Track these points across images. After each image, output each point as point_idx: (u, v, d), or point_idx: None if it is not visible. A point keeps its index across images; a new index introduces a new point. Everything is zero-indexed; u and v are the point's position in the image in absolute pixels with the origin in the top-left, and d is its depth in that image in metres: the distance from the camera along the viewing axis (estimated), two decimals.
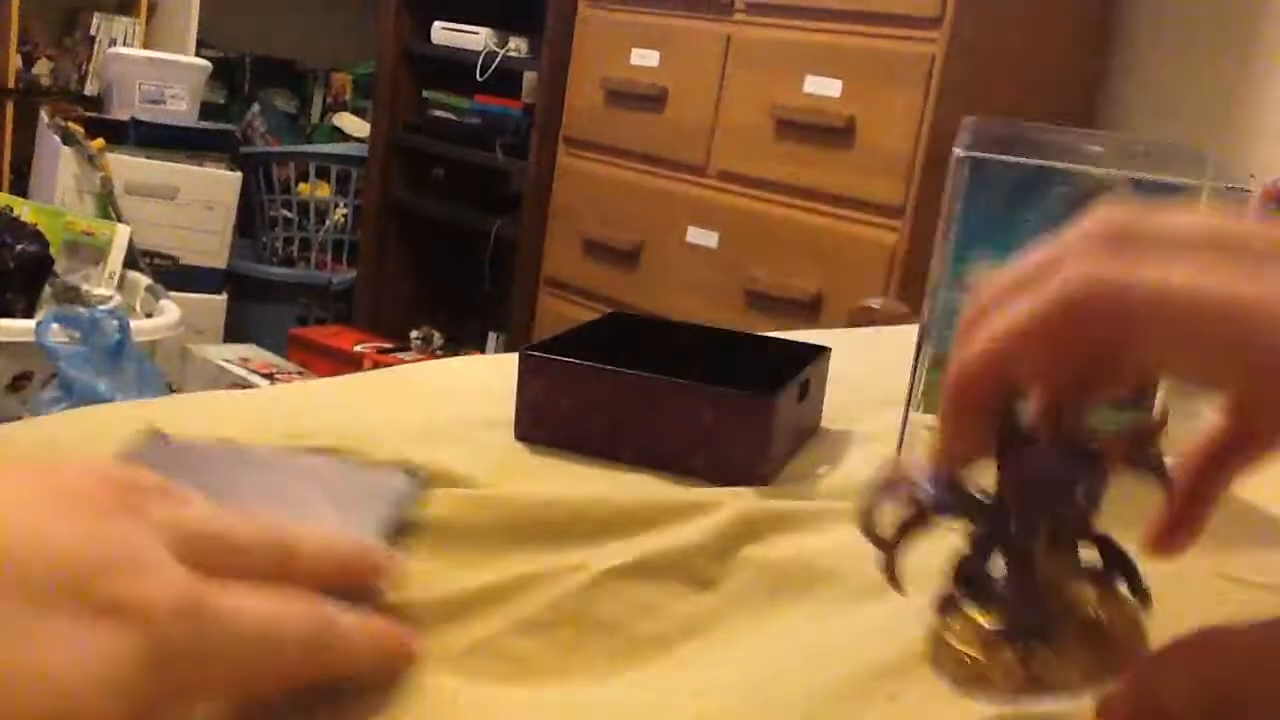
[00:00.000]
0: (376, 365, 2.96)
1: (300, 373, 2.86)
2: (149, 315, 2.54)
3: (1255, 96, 2.28)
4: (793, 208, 2.26)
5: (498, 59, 2.86)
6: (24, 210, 2.51)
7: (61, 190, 2.81)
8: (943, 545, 0.38)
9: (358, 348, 3.05)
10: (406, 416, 0.68)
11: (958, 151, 0.59)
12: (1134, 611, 0.37)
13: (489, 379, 0.73)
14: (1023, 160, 0.58)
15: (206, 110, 3.45)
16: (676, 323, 0.78)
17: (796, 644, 0.47)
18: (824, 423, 0.73)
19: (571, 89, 2.69)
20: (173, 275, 2.86)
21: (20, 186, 3.13)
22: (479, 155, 3.01)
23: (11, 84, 3.39)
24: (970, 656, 0.36)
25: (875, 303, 1.66)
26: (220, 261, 3.18)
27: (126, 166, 2.93)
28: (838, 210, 2.19)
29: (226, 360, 2.77)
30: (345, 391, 0.73)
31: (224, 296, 3.17)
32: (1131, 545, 0.38)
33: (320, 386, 0.75)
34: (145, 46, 3.51)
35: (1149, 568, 0.38)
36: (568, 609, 0.47)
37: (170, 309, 2.55)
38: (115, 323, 2.11)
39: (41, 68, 3.55)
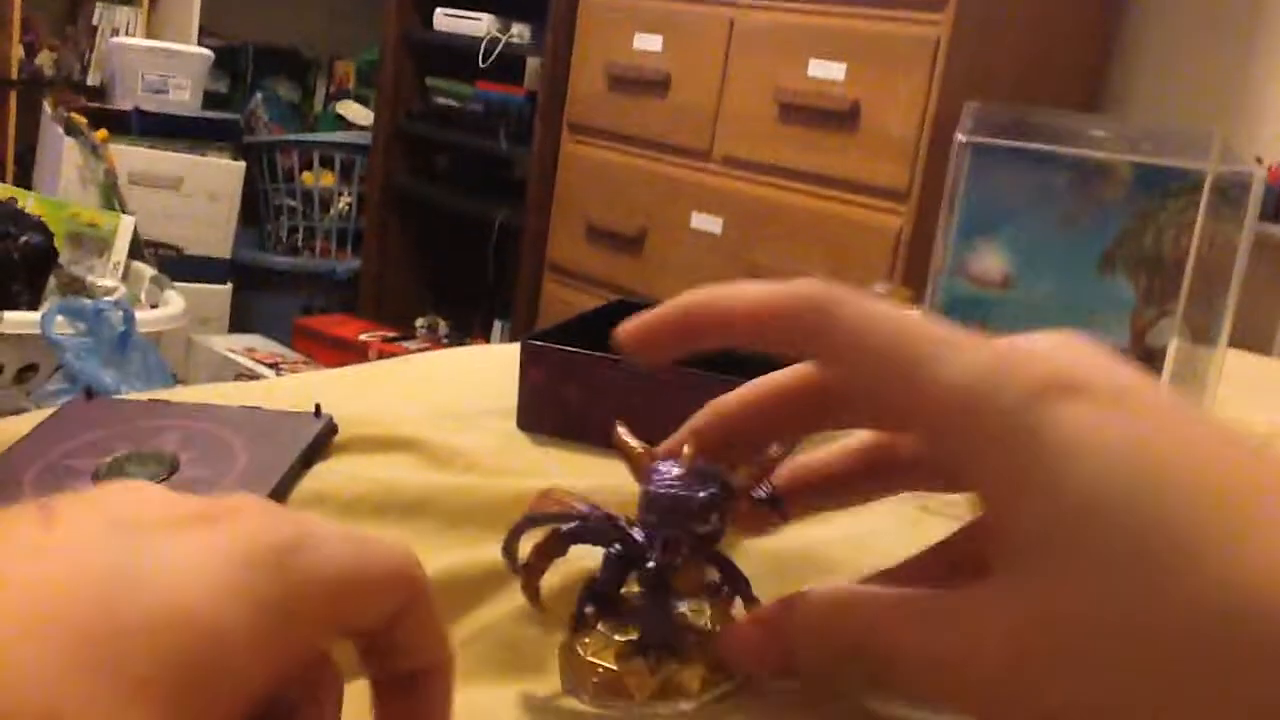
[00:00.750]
0: (382, 355, 2.96)
1: (305, 362, 2.86)
2: (154, 306, 2.54)
3: (1262, 77, 2.27)
4: (797, 192, 2.25)
5: (500, 45, 2.85)
6: (28, 201, 2.51)
7: (65, 181, 2.81)
8: None
9: (363, 336, 3.05)
10: (409, 406, 0.68)
11: (960, 138, 0.59)
12: None
13: (494, 368, 0.73)
14: (1025, 145, 0.58)
15: (209, 99, 3.45)
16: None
17: None
18: None
19: (575, 75, 2.68)
20: (177, 265, 2.86)
21: (24, 177, 3.13)
22: (482, 142, 3.00)
23: (14, 75, 3.38)
24: (604, 667, 0.40)
25: (880, 288, 1.66)
26: (224, 251, 3.18)
27: (130, 157, 2.93)
28: (842, 195, 2.19)
29: (231, 350, 2.78)
30: (349, 382, 0.73)
31: (228, 286, 3.17)
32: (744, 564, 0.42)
33: (324, 378, 0.75)
34: (147, 35, 3.50)
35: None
36: (569, 596, 0.47)
37: (175, 299, 2.55)
38: (120, 314, 2.11)
39: (44, 58, 3.54)
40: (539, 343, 0.65)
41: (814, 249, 2.21)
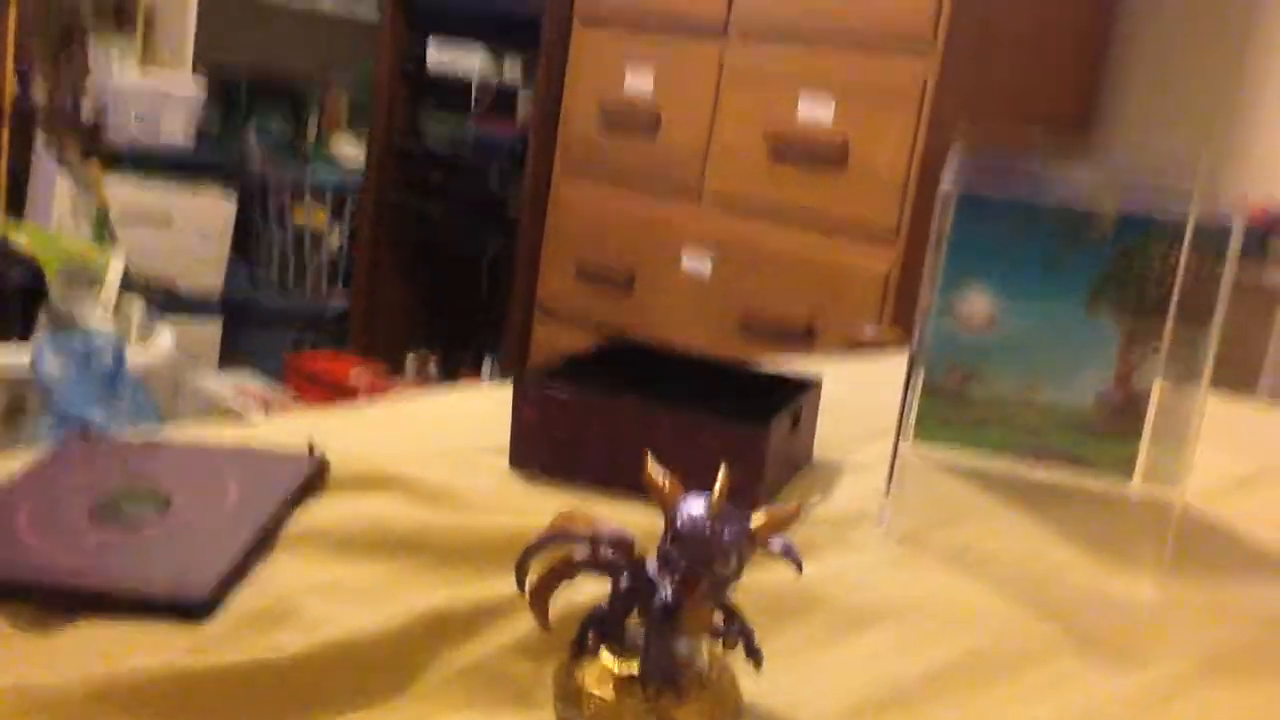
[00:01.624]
0: (373, 392, 2.96)
1: (295, 399, 2.86)
2: (143, 341, 2.53)
3: (1252, 96, 2.30)
4: (787, 230, 2.27)
5: (494, 88, 2.87)
6: (20, 236, 2.51)
7: (58, 213, 2.81)
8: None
9: (353, 373, 3.05)
10: (401, 446, 0.68)
11: (945, 186, 0.60)
12: (733, 675, 0.42)
13: (485, 408, 0.73)
14: (1009, 198, 0.59)
15: (202, 134, 3.46)
16: (672, 350, 0.78)
17: (800, 665, 0.48)
18: (816, 452, 0.74)
19: (566, 112, 2.70)
20: (167, 301, 2.86)
21: (16, 208, 3.13)
22: (474, 179, 3.01)
23: (7, 104, 3.39)
24: (601, 698, 0.40)
25: (869, 330, 1.66)
26: (215, 287, 3.18)
27: (122, 191, 2.93)
28: (832, 235, 2.20)
29: (220, 390, 2.77)
30: (342, 422, 0.74)
31: (219, 323, 3.17)
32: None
33: (316, 417, 0.75)
34: (141, 62, 3.52)
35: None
36: (566, 631, 0.47)
37: (165, 335, 2.55)
38: (111, 350, 2.11)
39: (38, 89, 3.55)
40: (532, 382, 0.65)
41: (803, 289, 2.22)
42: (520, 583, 0.43)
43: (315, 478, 0.59)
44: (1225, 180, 2.25)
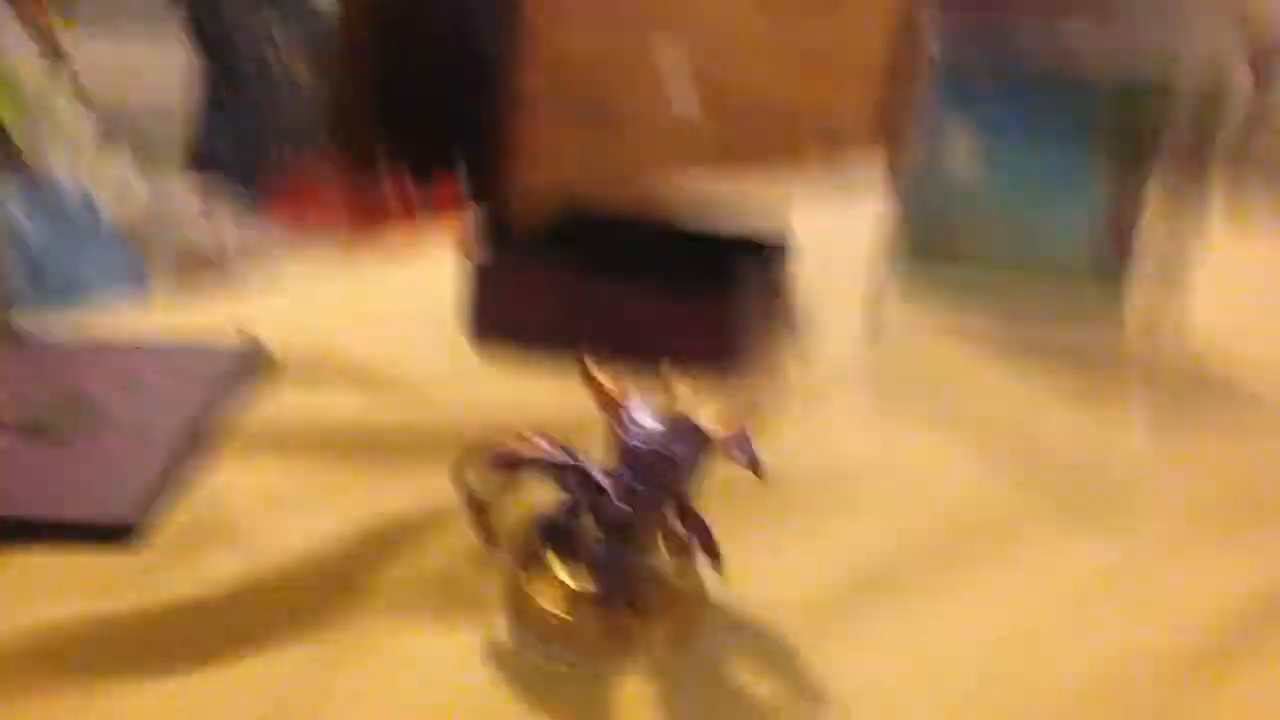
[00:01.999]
0: (352, 213, 2.89)
1: (284, 240, 2.80)
2: (119, 194, 2.47)
3: None
4: (772, 63, 2.18)
5: None
6: None
7: (16, 62, 2.70)
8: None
9: (331, 193, 2.98)
10: (357, 322, 0.64)
11: (932, 33, 0.54)
12: (702, 583, 0.40)
13: (445, 277, 0.69)
14: (1000, 45, 0.54)
15: None
16: (635, 215, 0.73)
17: (772, 554, 0.45)
18: (792, 311, 0.70)
19: None
20: (141, 153, 2.77)
21: None
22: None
23: None
24: (557, 616, 0.37)
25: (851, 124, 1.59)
26: (188, 137, 3.08)
27: (86, 44, 2.81)
28: (815, 73, 2.12)
29: (202, 239, 2.71)
30: (288, 300, 0.69)
31: (194, 174, 3.08)
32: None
33: (260, 297, 0.71)
34: None
35: None
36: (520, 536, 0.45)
37: (141, 187, 2.48)
38: (84, 203, 2.05)
39: None
40: (487, 255, 0.61)
41: (789, 79, 2.14)
42: (464, 498, 0.40)
43: (251, 369, 0.56)
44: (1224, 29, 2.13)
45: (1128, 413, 0.59)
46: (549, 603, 0.38)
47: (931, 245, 0.61)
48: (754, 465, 0.38)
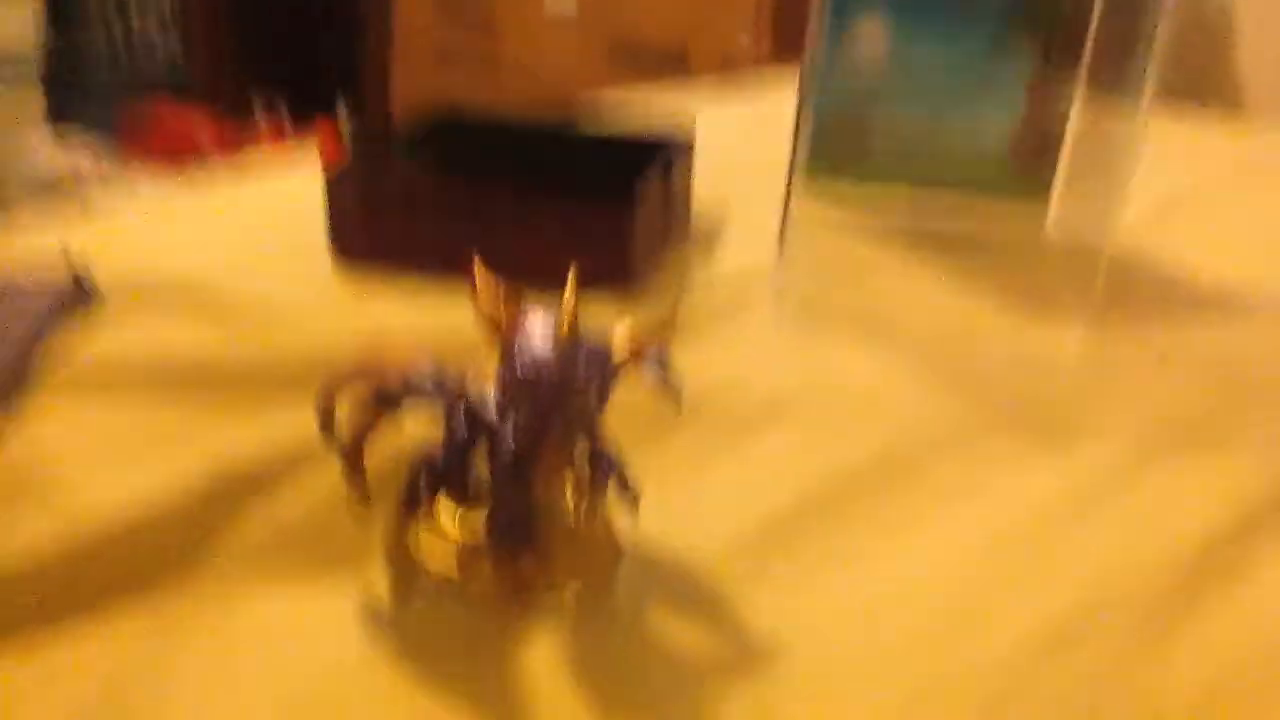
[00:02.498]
0: (221, 146, 2.75)
1: (137, 164, 2.64)
2: None
3: None
4: None
5: None
6: None
7: None
8: None
9: (197, 127, 2.83)
10: (215, 250, 0.57)
11: None
12: (612, 527, 0.35)
13: (306, 194, 0.62)
14: None
15: None
16: (516, 118, 0.66)
17: (690, 486, 0.40)
18: (693, 217, 0.64)
19: None
20: None
21: None
22: None
23: None
24: (446, 570, 0.33)
25: (743, 40, 1.54)
26: (31, 44, 2.87)
27: None
28: None
29: (51, 161, 2.54)
30: (151, 221, 0.61)
31: (38, 88, 2.87)
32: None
33: (95, 224, 0.62)
34: None
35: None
36: (396, 478, 0.39)
37: None
38: None
39: None
40: (350, 161, 0.54)
41: (674, 8, 2.06)
42: (328, 439, 0.33)
43: (77, 302, 0.48)
44: None
45: (1065, 319, 0.55)
46: (435, 555, 0.33)
47: (841, 148, 0.55)
48: (669, 389, 0.33)
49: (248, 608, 0.33)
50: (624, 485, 0.34)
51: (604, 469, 0.33)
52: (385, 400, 0.32)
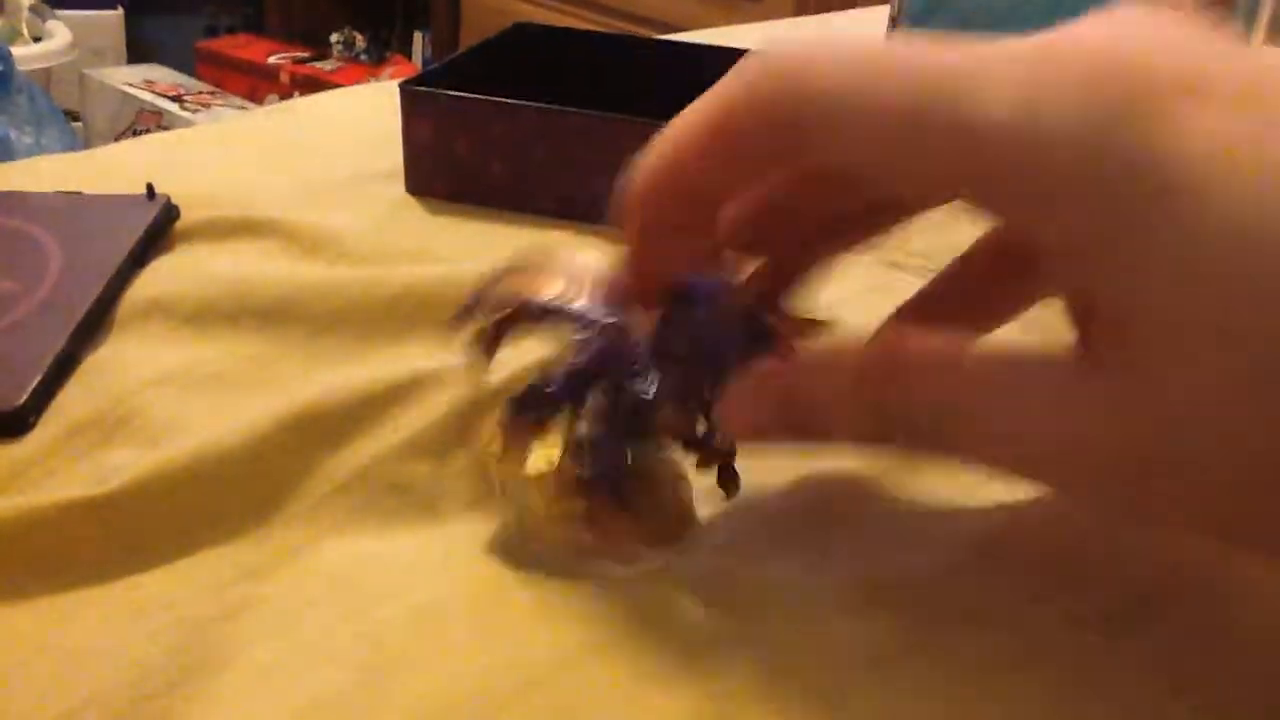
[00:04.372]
0: (294, 79, 2.76)
1: (212, 93, 2.66)
2: (36, 40, 2.32)
3: None
4: None
5: None
6: None
7: None
8: None
9: (272, 59, 2.84)
10: (283, 176, 0.56)
11: None
12: (688, 491, 0.33)
13: (382, 117, 0.61)
14: None
15: None
16: (593, 33, 0.65)
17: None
18: None
19: None
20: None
21: None
22: None
23: None
24: (532, 496, 0.31)
25: None
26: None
27: None
28: None
29: (130, 85, 2.56)
30: (198, 147, 0.61)
31: (119, 11, 2.90)
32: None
33: (166, 143, 0.62)
34: None
35: None
36: (471, 419, 0.38)
37: (60, 30, 2.34)
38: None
39: None
40: (421, 88, 0.53)
41: None
42: (467, 353, 0.33)
43: (158, 229, 0.48)
44: None
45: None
46: (530, 491, 0.31)
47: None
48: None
49: (332, 547, 0.33)
50: (728, 472, 0.33)
51: (719, 450, 0.32)
52: (531, 313, 0.32)
